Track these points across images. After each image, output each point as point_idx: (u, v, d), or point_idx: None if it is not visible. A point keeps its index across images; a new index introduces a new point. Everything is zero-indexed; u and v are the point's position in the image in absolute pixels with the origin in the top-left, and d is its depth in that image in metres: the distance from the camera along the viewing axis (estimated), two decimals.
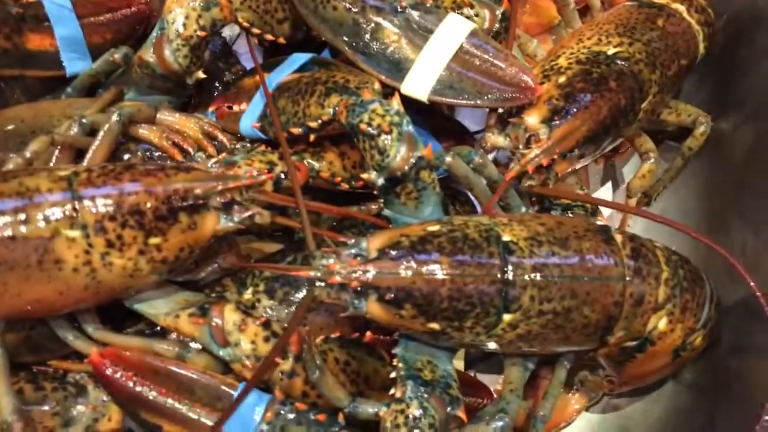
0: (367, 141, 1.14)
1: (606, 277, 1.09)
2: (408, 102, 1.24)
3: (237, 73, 1.55)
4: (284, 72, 1.32)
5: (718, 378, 1.29)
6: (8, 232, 0.96)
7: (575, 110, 1.26)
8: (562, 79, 1.29)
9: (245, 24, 1.40)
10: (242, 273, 1.23)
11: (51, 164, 1.17)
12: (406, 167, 1.14)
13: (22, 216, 0.97)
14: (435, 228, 1.09)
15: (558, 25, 1.66)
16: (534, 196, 1.35)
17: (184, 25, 1.32)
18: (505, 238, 1.09)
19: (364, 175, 1.19)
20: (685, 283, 1.17)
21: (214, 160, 1.23)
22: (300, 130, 1.22)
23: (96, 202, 1.00)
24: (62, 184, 1.00)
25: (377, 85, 1.23)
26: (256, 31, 1.42)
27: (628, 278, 1.10)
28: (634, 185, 1.45)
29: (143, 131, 1.22)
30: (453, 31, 1.28)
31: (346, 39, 1.30)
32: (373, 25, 1.29)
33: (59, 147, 1.16)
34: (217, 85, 1.52)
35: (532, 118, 1.26)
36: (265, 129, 1.32)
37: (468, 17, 1.37)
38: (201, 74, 1.37)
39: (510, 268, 1.06)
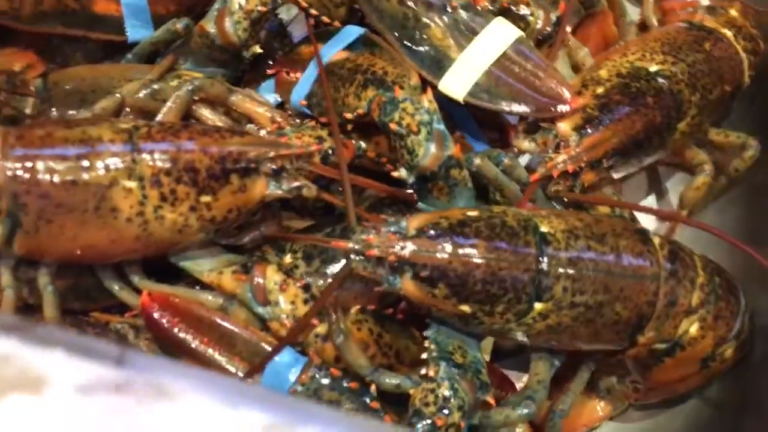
0: (397, 140, 1.18)
1: (641, 276, 1.10)
2: None
3: None
4: (335, 47, 1.35)
5: (745, 395, 1.29)
6: (70, 177, 1.01)
7: (608, 121, 1.28)
8: (599, 90, 1.31)
9: (304, 4, 1.44)
10: (282, 240, 1.26)
11: None
12: (436, 166, 1.17)
13: (83, 162, 1.02)
14: (474, 213, 1.11)
15: None
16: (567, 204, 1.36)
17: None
18: (543, 229, 1.11)
19: (395, 174, 1.22)
20: (720, 291, 1.18)
21: (266, 130, 1.27)
22: (338, 118, 1.25)
23: (154, 156, 1.04)
24: (123, 136, 1.05)
25: (414, 80, 1.26)
26: (314, 12, 1.46)
27: (663, 278, 1.11)
28: (688, 197, 1.44)
29: (205, 112, 1.25)
30: (498, 36, 1.31)
31: (394, 31, 1.34)
32: (421, 21, 1.32)
33: (128, 108, 1.21)
34: (270, 63, 1.56)
35: (564, 125, 1.28)
36: (311, 107, 1.35)
37: (523, 15, 1.41)
38: (258, 49, 1.41)
39: (545, 258, 1.08)
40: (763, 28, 1.49)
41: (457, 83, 1.29)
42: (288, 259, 1.26)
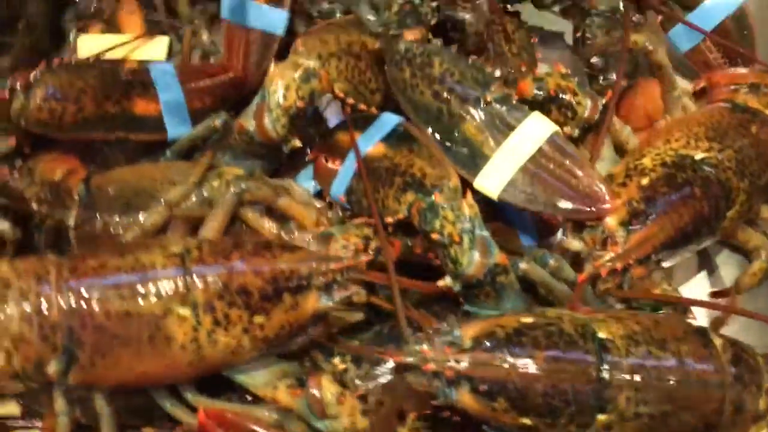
0: (440, 249, 1.16)
1: (705, 383, 1.07)
2: None
3: None
4: (373, 138, 1.34)
5: None
6: (125, 309, 1.01)
7: (655, 215, 1.25)
8: (644, 181, 1.28)
9: (341, 94, 1.44)
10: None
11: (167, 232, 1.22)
12: (481, 275, 1.16)
13: (137, 292, 1.01)
14: (530, 320, 1.09)
15: None
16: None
17: (285, 96, 1.36)
18: (601, 335, 1.08)
19: (440, 282, 1.20)
20: None
21: (310, 233, 1.25)
22: (392, 218, 1.24)
23: (207, 280, 1.04)
24: (175, 261, 1.04)
25: (453, 181, 1.24)
26: (350, 101, 1.46)
27: (728, 385, 1.08)
28: (744, 283, 1.40)
29: (252, 217, 1.24)
30: (534, 132, 1.29)
31: (428, 125, 1.33)
32: (455, 115, 1.31)
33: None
34: (308, 150, 1.56)
35: (611, 220, 1.25)
36: (351, 203, 1.35)
37: (569, 104, 1.39)
38: (297, 143, 1.40)
39: (606, 366, 1.05)
40: None
41: (492, 181, 1.27)
42: (338, 362, 1.24)
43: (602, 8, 1.57)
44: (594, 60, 1.56)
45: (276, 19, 1.53)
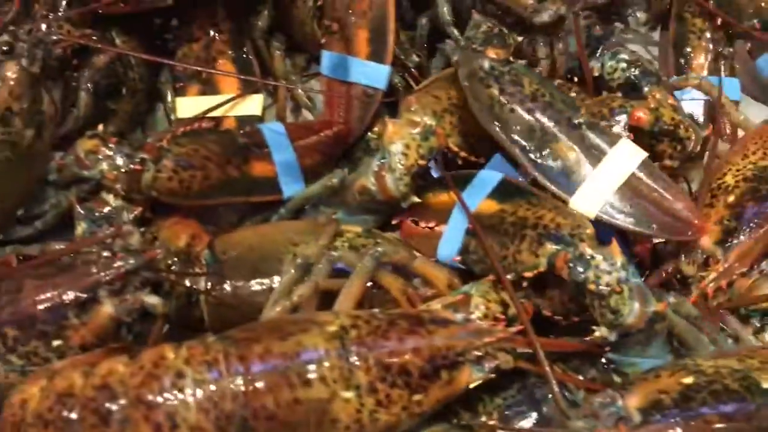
0: (596, 300, 1.15)
1: None
2: None
3: None
4: (477, 196, 1.36)
5: None
6: (294, 396, 1.00)
7: (748, 229, 1.30)
8: (731, 199, 1.34)
9: (455, 149, 1.45)
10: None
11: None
12: (642, 323, 1.15)
13: (305, 379, 1.01)
14: (690, 380, 1.07)
15: None
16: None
17: (405, 155, 1.38)
18: (765, 385, 1.07)
19: (597, 334, 1.18)
20: None
21: (447, 299, 1.25)
22: (512, 276, 1.23)
23: (368, 362, 1.04)
24: (336, 344, 1.04)
25: (590, 230, 1.24)
26: (463, 154, 1.47)
27: None
28: None
29: (386, 278, 1.24)
30: (626, 156, 1.34)
31: (521, 144, 1.36)
32: (549, 134, 1.35)
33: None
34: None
35: (705, 240, 1.30)
36: (467, 263, 1.35)
37: (680, 138, 1.42)
38: (416, 199, 1.41)
39: None
40: None
41: (589, 201, 1.32)
42: (484, 419, 1.22)
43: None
44: None
45: (378, 74, 1.56)
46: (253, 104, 1.66)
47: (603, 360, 1.27)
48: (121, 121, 1.60)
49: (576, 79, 1.60)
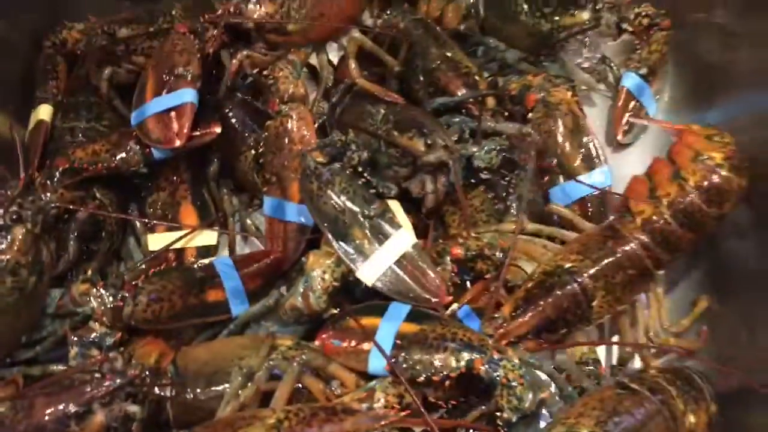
0: (505, 390, 1.52)
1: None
2: None
3: None
4: (396, 322, 1.65)
5: None
6: None
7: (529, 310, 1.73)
8: (529, 285, 1.75)
9: None
10: None
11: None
12: (534, 407, 1.54)
13: None
14: None
15: None
16: None
17: (323, 278, 1.75)
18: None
19: (505, 415, 1.52)
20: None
21: (356, 394, 1.64)
22: (439, 377, 1.57)
23: None
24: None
25: (492, 342, 1.62)
26: None
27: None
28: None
29: (310, 382, 1.62)
30: (402, 241, 1.72)
31: (328, 227, 1.73)
32: (348, 223, 1.71)
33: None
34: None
35: (505, 310, 1.73)
36: (396, 373, 1.58)
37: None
38: (334, 311, 1.79)
39: None
40: None
41: (369, 273, 1.70)
42: None
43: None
44: None
45: (308, 213, 1.86)
46: (210, 236, 2.04)
47: None
48: (103, 257, 1.97)
49: None
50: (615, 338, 1.92)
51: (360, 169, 1.81)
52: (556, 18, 2.12)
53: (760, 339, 1.80)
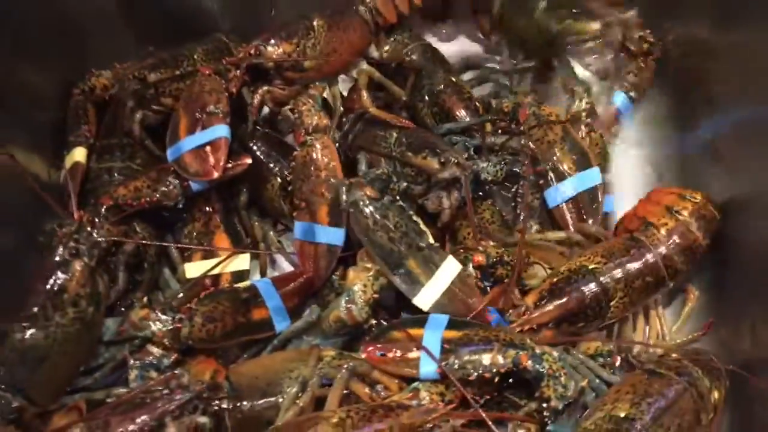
0: (551, 381, 1.70)
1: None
2: None
3: None
4: (439, 330, 1.79)
5: None
6: None
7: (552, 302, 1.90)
8: (554, 279, 1.94)
9: None
10: None
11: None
12: (576, 395, 1.72)
13: None
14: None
15: None
16: None
17: (364, 291, 1.89)
18: (621, 414, 1.65)
19: (552, 404, 1.69)
20: None
21: (403, 395, 1.78)
22: (489, 374, 1.73)
23: None
24: (339, 430, 1.55)
25: (530, 339, 1.77)
26: None
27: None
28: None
29: (357, 387, 1.76)
30: (450, 269, 1.88)
31: (383, 257, 1.89)
32: (403, 254, 1.88)
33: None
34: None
35: (529, 300, 1.91)
36: (446, 374, 1.74)
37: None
38: (374, 321, 1.95)
39: None
40: None
41: (425, 300, 1.86)
42: None
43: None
44: None
45: (337, 235, 2.03)
46: (243, 261, 2.18)
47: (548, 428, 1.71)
48: (146, 286, 2.10)
49: None
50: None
51: (398, 198, 1.99)
52: (568, 21, 2.27)
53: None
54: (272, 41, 2.16)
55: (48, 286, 1.81)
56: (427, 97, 2.34)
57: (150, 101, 2.25)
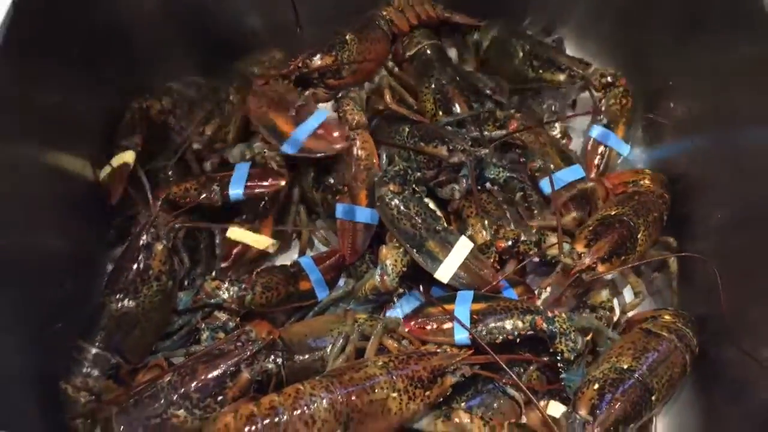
0: (563, 338, 2.05)
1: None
2: None
3: None
4: (467, 303, 2.10)
5: None
6: (369, 398, 1.83)
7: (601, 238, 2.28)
8: (593, 223, 2.34)
9: None
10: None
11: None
12: (583, 349, 2.10)
13: (375, 388, 1.84)
14: (599, 385, 1.99)
15: None
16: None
17: (395, 265, 2.19)
18: (624, 366, 2.07)
19: (565, 356, 2.03)
20: None
21: (430, 347, 2.16)
22: (512, 337, 2.10)
23: (403, 376, 1.91)
24: (384, 370, 1.90)
25: (541, 307, 2.11)
26: None
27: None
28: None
29: (387, 341, 2.12)
30: (464, 247, 2.18)
31: (408, 241, 2.17)
32: (424, 237, 2.17)
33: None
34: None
35: (578, 246, 2.27)
36: (476, 339, 2.04)
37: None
38: (402, 290, 2.33)
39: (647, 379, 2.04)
40: None
41: (444, 273, 2.16)
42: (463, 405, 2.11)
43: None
44: None
45: (373, 215, 2.30)
46: (264, 243, 2.40)
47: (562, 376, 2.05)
48: (205, 265, 2.47)
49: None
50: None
51: (416, 189, 2.34)
52: (540, 71, 2.77)
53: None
54: (317, 55, 2.54)
55: (135, 265, 2.15)
56: (433, 85, 2.73)
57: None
